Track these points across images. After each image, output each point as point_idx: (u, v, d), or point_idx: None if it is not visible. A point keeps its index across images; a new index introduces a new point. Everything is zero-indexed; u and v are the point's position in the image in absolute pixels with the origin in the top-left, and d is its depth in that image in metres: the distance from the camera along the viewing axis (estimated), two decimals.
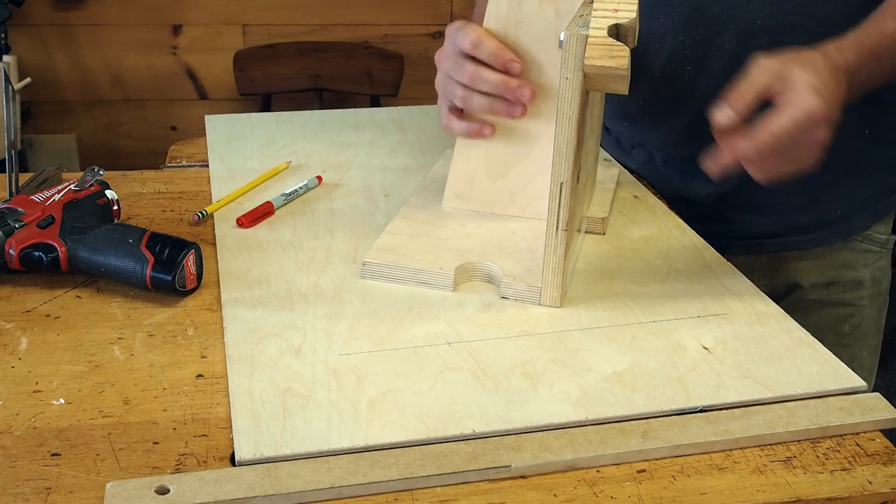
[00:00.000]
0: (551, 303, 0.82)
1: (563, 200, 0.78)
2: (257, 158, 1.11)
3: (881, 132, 1.03)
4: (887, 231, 1.09)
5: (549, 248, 0.80)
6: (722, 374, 0.73)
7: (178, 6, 2.78)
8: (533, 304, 0.82)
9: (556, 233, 0.79)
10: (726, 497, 0.62)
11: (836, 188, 1.05)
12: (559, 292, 0.81)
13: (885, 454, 0.67)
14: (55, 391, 0.69)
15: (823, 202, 1.06)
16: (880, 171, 1.06)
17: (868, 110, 1.00)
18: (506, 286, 0.83)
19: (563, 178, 0.77)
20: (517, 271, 0.84)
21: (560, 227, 0.79)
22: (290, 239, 0.92)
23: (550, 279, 0.81)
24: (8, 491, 0.59)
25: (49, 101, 2.82)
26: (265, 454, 0.63)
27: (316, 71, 2.76)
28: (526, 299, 0.82)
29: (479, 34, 0.87)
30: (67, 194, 0.87)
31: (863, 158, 1.04)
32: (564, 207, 0.78)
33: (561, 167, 0.77)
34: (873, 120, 1.02)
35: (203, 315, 0.80)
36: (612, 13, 0.74)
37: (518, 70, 0.87)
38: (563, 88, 0.75)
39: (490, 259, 0.86)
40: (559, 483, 0.63)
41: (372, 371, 0.72)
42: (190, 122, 2.91)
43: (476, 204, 0.96)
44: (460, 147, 0.95)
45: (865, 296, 1.09)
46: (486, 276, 0.86)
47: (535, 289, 0.82)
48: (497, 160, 0.94)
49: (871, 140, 1.03)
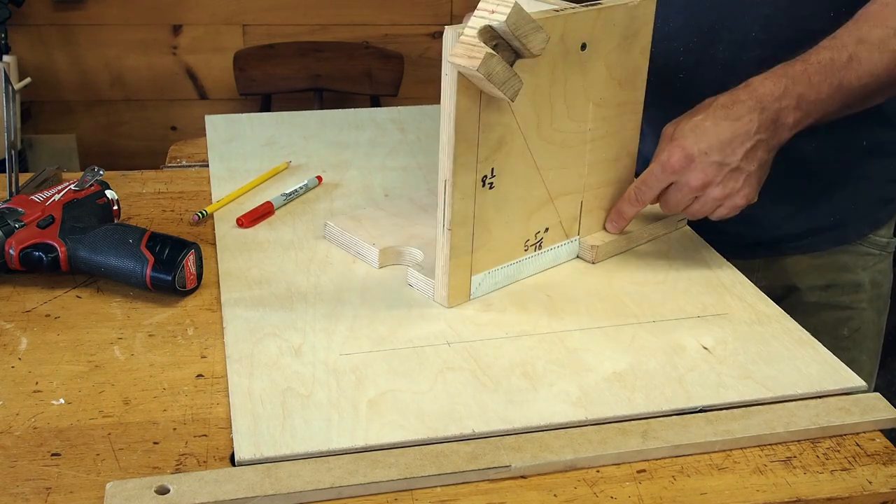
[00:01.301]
0: (440, 301, 0.81)
1: (447, 199, 0.77)
2: (257, 158, 1.11)
3: (879, 144, 1.03)
4: (888, 234, 1.08)
5: (437, 245, 0.80)
6: (722, 374, 0.73)
7: (178, 6, 2.78)
8: (435, 303, 0.82)
9: (442, 231, 0.79)
10: (726, 497, 0.62)
11: (828, 197, 1.04)
12: (447, 291, 0.81)
13: (885, 454, 0.67)
14: (55, 391, 0.69)
15: (814, 211, 1.05)
16: (877, 180, 1.05)
17: (865, 123, 1.00)
18: (411, 275, 0.84)
19: (445, 175, 0.76)
20: (432, 264, 0.83)
21: (445, 226, 0.78)
22: (290, 239, 0.92)
23: (440, 277, 0.81)
24: (8, 491, 0.59)
25: (49, 101, 2.82)
26: (265, 454, 0.63)
27: (316, 71, 2.76)
28: (424, 292, 0.83)
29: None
30: (67, 194, 0.87)
31: (858, 169, 1.03)
32: (449, 206, 0.77)
33: (444, 164, 0.76)
34: (870, 132, 1.02)
35: (203, 315, 0.80)
36: (488, 14, 0.72)
37: None
38: (444, 85, 0.74)
39: (427, 249, 0.86)
40: (559, 483, 0.63)
41: (372, 371, 0.72)
42: (190, 122, 2.91)
43: None
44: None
45: (864, 299, 1.08)
46: (407, 261, 0.87)
47: (431, 283, 0.82)
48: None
49: (867, 151, 1.03)
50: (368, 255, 0.87)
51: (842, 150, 1.02)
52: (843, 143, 1.01)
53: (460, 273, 0.81)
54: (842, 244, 1.07)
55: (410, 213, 0.94)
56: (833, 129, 0.96)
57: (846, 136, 1.01)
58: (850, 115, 0.97)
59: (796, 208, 1.05)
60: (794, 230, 1.06)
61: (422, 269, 0.84)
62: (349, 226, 0.90)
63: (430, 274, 0.82)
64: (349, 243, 0.89)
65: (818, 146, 1.00)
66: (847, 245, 1.07)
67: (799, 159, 1.01)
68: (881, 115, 1.00)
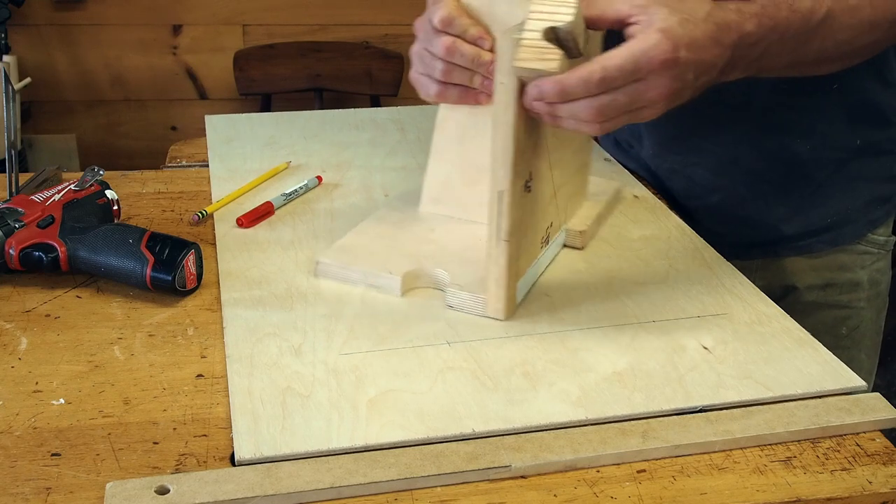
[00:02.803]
0: (495, 314, 0.79)
1: (503, 210, 0.75)
2: (257, 158, 1.11)
3: (874, 143, 1.02)
4: (887, 232, 1.08)
5: (491, 258, 0.77)
6: (722, 373, 0.73)
7: (178, 6, 2.78)
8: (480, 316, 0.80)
9: (496, 243, 0.76)
10: (726, 497, 0.62)
11: (823, 198, 1.04)
12: (503, 304, 0.79)
13: (885, 454, 0.67)
14: (55, 391, 0.69)
15: (811, 212, 1.04)
16: (873, 180, 1.04)
17: (860, 122, 1.00)
18: (451, 295, 0.81)
19: (501, 186, 0.74)
20: (466, 280, 0.81)
21: (500, 238, 0.76)
22: (290, 239, 0.92)
23: (494, 291, 0.78)
24: (8, 491, 0.59)
25: (49, 101, 2.82)
26: (265, 454, 0.63)
27: (316, 71, 2.76)
28: (471, 310, 0.80)
29: (450, 11, 0.82)
30: (67, 194, 0.87)
31: (854, 169, 1.03)
32: (505, 217, 0.75)
33: (499, 175, 0.74)
34: (865, 132, 1.01)
35: (203, 315, 0.80)
36: (548, 14, 0.70)
37: (488, 47, 0.83)
38: (499, 93, 0.72)
39: (444, 266, 0.84)
40: (559, 483, 0.63)
41: (372, 371, 0.72)
42: (190, 122, 2.91)
43: (452, 209, 0.93)
44: (435, 149, 0.92)
45: (863, 297, 1.08)
46: (435, 283, 0.84)
47: (479, 299, 0.79)
48: (471, 165, 0.91)
49: (862, 152, 1.02)
50: (387, 285, 0.83)
51: (836, 151, 1.02)
52: (837, 143, 1.01)
53: (513, 282, 0.79)
54: (839, 244, 1.06)
55: (388, 231, 0.91)
56: (835, 129, 0.96)
57: (847, 136, 1.01)
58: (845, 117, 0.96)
59: (792, 210, 1.05)
60: (791, 232, 1.06)
61: (462, 288, 0.81)
62: (347, 258, 0.85)
63: (471, 289, 0.80)
64: (358, 276, 0.84)
65: (813, 146, 1.00)
66: (845, 245, 1.06)
67: (793, 161, 1.01)
68: (876, 115, 1.00)
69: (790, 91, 0.98)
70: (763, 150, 1.03)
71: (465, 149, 0.91)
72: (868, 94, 0.99)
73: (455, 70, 0.84)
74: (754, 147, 1.03)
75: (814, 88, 0.96)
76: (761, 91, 0.99)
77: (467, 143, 0.90)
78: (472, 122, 0.89)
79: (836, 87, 0.97)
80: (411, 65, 0.88)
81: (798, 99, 0.99)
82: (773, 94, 0.99)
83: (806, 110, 1.00)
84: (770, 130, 1.01)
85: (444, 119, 0.91)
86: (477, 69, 0.84)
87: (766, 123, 1.01)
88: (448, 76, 0.84)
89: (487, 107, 0.87)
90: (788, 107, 0.99)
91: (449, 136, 0.91)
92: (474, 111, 0.88)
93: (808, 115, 1.00)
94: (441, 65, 0.84)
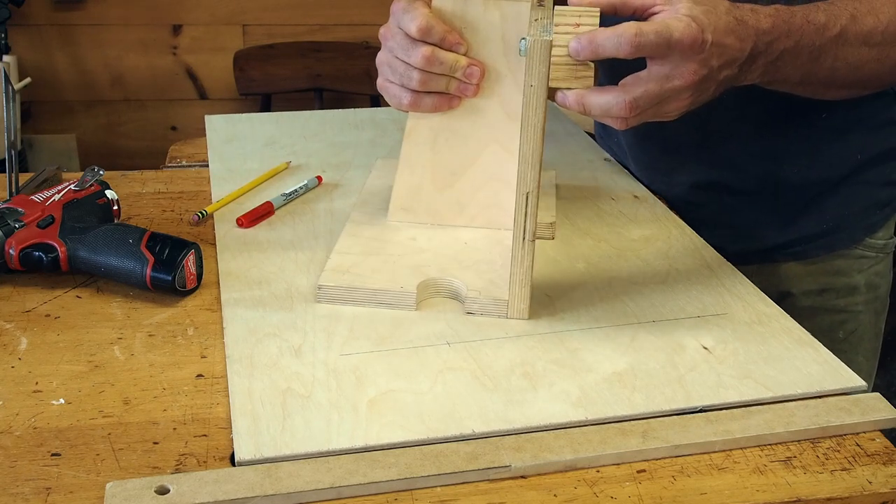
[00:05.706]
0: (519, 315, 0.79)
1: (530, 210, 0.75)
2: (257, 158, 1.11)
3: (876, 155, 1.01)
4: (886, 235, 1.07)
5: (517, 259, 0.77)
6: (722, 373, 0.73)
7: (178, 6, 2.78)
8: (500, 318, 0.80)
9: (522, 244, 0.77)
10: (726, 497, 0.62)
11: (818, 205, 1.03)
12: (527, 304, 0.79)
13: (885, 454, 0.67)
14: (55, 391, 0.69)
15: (806, 219, 1.03)
16: (871, 185, 1.03)
17: (858, 137, 0.99)
18: (471, 302, 0.80)
19: (529, 187, 0.75)
20: (480, 285, 0.81)
21: (527, 238, 0.76)
22: (290, 239, 0.92)
23: (518, 292, 0.78)
24: (8, 491, 0.59)
25: (49, 101, 2.83)
26: (265, 454, 0.63)
27: (316, 71, 2.76)
28: (492, 314, 0.80)
29: (427, 20, 0.82)
30: (67, 194, 0.87)
31: (851, 179, 1.02)
32: (531, 218, 0.76)
33: (527, 176, 0.74)
34: (864, 146, 1.00)
35: (203, 315, 0.80)
36: (573, 28, 0.71)
37: (464, 51, 0.84)
38: (528, 96, 0.72)
39: (450, 273, 0.83)
40: (559, 483, 0.63)
41: (372, 371, 0.72)
42: (190, 122, 2.91)
43: (423, 216, 0.92)
44: (405, 158, 0.91)
45: (860, 301, 1.06)
46: (450, 292, 0.83)
47: (501, 302, 0.79)
48: (443, 169, 0.90)
49: (860, 162, 1.01)
50: (400, 301, 0.81)
51: (834, 169, 1.01)
52: (833, 162, 1.00)
53: (532, 283, 0.79)
54: (835, 250, 1.05)
55: (373, 246, 0.89)
56: (834, 140, 0.96)
57: (846, 151, 1.00)
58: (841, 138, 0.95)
59: (785, 221, 1.04)
60: (785, 239, 1.05)
61: (479, 294, 0.80)
62: (349, 279, 0.82)
63: (487, 293, 0.80)
64: (365, 298, 0.81)
65: (806, 170, 0.99)
66: (841, 250, 1.05)
67: (785, 183, 1.01)
68: (873, 120, 1.00)
69: (781, 119, 0.98)
70: (751, 173, 1.03)
71: (437, 154, 0.90)
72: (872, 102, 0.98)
73: (432, 79, 0.84)
74: (742, 171, 1.03)
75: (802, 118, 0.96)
76: (752, 113, 0.98)
77: (440, 148, 0.90)
78: (445, 125, 0.89)
79: (824, 116, 0.97)
80: (378, 73, 0.88)
81: (789, 127, 0.99)
82: (765, 119, 0.98)
83: (799, 138, 0.99)
84: (760, 156, 1.01)
85: (414, 127, 0.90)
86: (454, 74, 0.84)
87: (758, 149, 1.01)
88: (425, 86, 0.85)
89: (461, 109, 0.88)
90: (779, 134, 0.99)
91: (421, 144, 0.90)
92: (448, 114, 0.88)
93: (799, 143, 1.00)
94: (418, 74, 0.84)
